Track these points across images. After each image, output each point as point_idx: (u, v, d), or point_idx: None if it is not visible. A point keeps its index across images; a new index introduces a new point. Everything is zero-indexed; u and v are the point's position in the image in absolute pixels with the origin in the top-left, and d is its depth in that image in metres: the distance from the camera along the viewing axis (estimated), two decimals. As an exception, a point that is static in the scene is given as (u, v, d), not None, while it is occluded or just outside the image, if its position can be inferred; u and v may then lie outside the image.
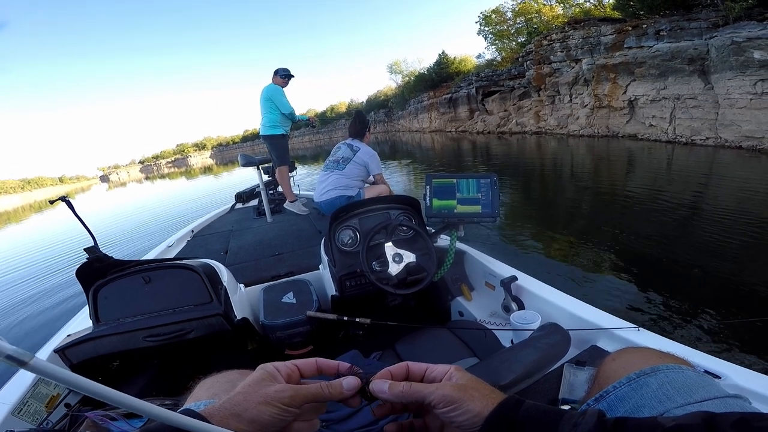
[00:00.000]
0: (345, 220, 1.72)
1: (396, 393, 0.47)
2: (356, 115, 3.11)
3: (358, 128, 3.02)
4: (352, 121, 3.10)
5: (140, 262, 1.42)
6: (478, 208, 1.54)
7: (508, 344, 1.31)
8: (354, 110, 6.43)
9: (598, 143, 12.12)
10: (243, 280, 1.91)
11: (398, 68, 38.76)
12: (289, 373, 0.49)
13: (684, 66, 9.57)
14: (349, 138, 3.04)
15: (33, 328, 3.89)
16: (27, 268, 6.54)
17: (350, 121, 3.11)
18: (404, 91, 34.47)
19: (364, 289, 1.64)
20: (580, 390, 0.85)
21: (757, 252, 3.24)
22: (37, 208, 26.60)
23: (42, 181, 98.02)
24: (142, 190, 26.17)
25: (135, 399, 0.33)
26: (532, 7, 20.84)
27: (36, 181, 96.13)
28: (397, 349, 1.40)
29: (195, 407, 0.51)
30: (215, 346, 1.54)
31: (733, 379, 0.81)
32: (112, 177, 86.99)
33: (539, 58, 15.62)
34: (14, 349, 0.29)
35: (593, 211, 5.17)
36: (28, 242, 9.85)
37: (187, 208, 10.47)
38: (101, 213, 13.41)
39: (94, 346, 1.28)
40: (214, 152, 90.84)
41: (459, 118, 23.89)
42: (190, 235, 3.25)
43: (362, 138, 3.02)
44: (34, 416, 1.13)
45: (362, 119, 3.07)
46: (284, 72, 3.77)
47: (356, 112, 3.22)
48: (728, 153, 8.24)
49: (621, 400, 0.53)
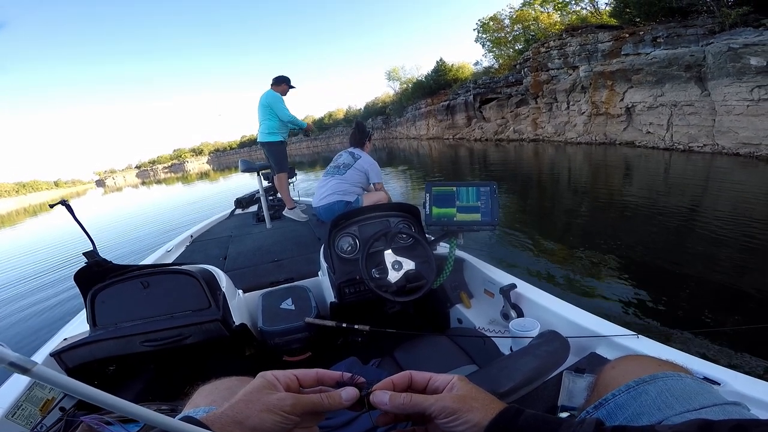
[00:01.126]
0: (344, 227, 1.72)
1: (397, 405, 0.47)
2: (357, 125, 3.19)
3: (358, 138, 3.09)
4: (353, 131, 3.17)
5: (139, 267, 1.42)
6: (478, 216, 1.54)
7: (507, 352, 1.31)
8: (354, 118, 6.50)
9: (596, 150, 12.17)
10: (242, 285, 1.90)
11: (396, 75, 38.88)
12: (288, 382, 0.49)
13: (681, 73, 9.62)
14: (350, 147, 3.10)
15: (29, 331, 3.87)
16: (22, 271, 6.52)
17: (351, 131, 3.19)
18: (402, 98, 34.50)
19: (363, 296, 1.63)
20: (579, 397, 0.85)
21: (754, 259, 3.25)
22: (31, 212, 26.44)
23: (37, 184, 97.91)
24: (137, 195, 26.10)
25: (141, 408, 0.33)
26: (530, 15, 21.01)
27: (31, 184, 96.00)
28: (395, 356, 1.40)
29: (194, 414, 0.51)
30: (213, 351, 1.53)
31: (732, 385, 0.81)
32: (108, 182, 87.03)
33: (537, 66, 15.71)
34: (17, 356, 0.29)
35: (591, 219, 5.18)
36: (23, 246, 9.81)
37: (183, 213, 10.48)
38: (96, 217, 13.33)
39: (90, 350, 1.27)
40: (211, 158, 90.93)
41: (456, 125, 23.96)
42: (189, 241, 3.25)
43: (363, 147, 3.08)
44: (28, 420, 1.12)
45: (362, 129, 3.14)
46: (285, 80, 3.79)
47: (357, 122, 3.30)
48: (725, 160, 8.28)
49: (620, 407, 0.53)
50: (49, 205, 1.49)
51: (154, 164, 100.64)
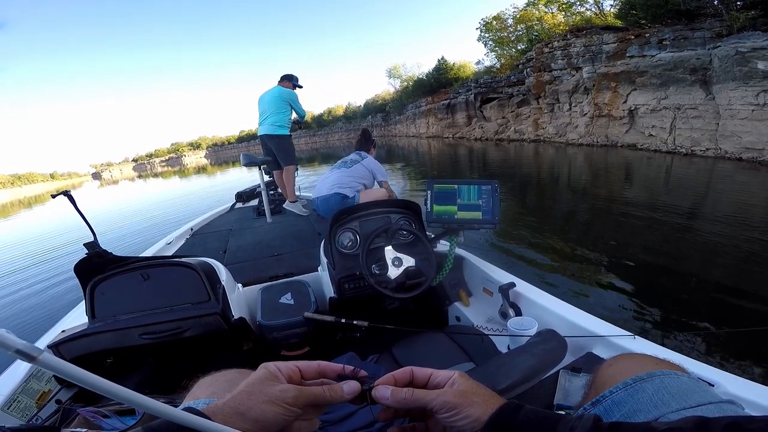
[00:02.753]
0: (345, 223, 1.72)
1: (398, 399, 0.47)
2: (363, 132, 3.45)
3: (364, 143, 3.30)
4: (359, 137, 3.41)
5: (139, 259, 1.41)
6: (479, 215, 1.54)
7: (504, 350, 1.32)
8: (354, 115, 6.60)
9: (597, 152, 12.14)
10: (241, 279, 1.91)
11: (397, 73, 38.82)
12: (290, 374, 0.49)
13: (686, 76, 9.57)
14: (355, 151, 3.28)
15: (27, 323, 3.88)
16: (20, 262, 6.51)
17: (357, 138, 3.43)
18: (402, 96, 34.43)
19: (363, 292, 1.63)
20: (575, 396, 0.85)
21: (753, 263, 3.25)
22: (26, 204, 26.10)
23: (33, 177, 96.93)
24: (133, 188, 25.91)
25: (149, 399, 0.33)
26: (534, 15, 20.94)
27: (27, 176, 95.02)
28: (393, 352, 1.40)
29: (195, 405, 0.51)
30: (211, 345, 1.53)
31: (726, 387, 0.82)
32: (105, 174, 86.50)
33: (540, 66, 15.66)
34: (24, 343, 0.29)
35: (591, 220, 5.18)
36: (20, 237, 9.81)
37: (181, 206, 10.47)
38: (93, 210, 13.24)
39: (88, 342, 1.27)
40: (208, 152, 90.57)
41: (457, 124, 23.91)
42: (189, 233, 3.25)
43: (368, 152, 3.28)
44: (24, 412, 1.13)
45: (368, 136, 3.38)
46: (295, 80, 3.89)
47: (363, 130, 3.56)
48: (728, 164, 8.25)
49: (617, 404, 0.54)
50: (51, 195, 1.49)
51: (152, 158, 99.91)
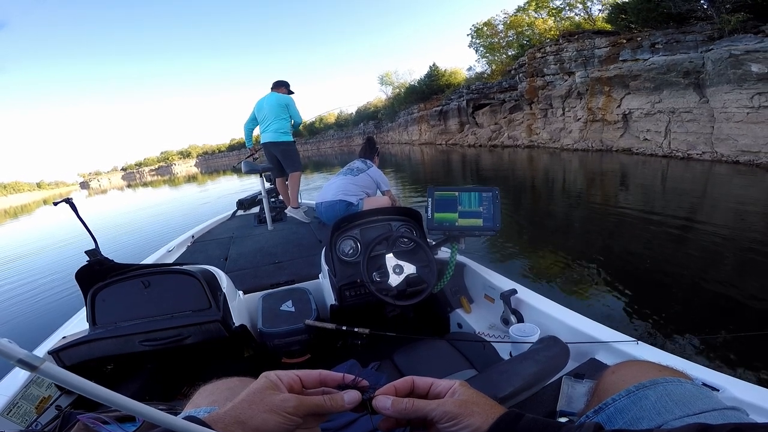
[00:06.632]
0: (346, 230, 1.72)
1: (399, 410, 0.48)
2: (368, 140, 3.51)
3: (368, 151, 3.37)
4: (363, 144, 3.49)
5: (140, 266, 1.42)
6: (480, 222, 1.54)
7: (506, 357, 1.31)
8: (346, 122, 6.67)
9: (592, 157, 12.16)
10: (242, 287, 1.90)
11: (389, 80, 39.04)
12: (291, 383, 0.49)
13: (679, 79, 9.63)
14: (359, 159, 3.32)
15: (27, 329, 3.86)
16: (19, 270, 6.49)
17: (361, 146, 3.52)
18: (394, 103, 34.56)
19: (364, 300, 1.64)
20: (578, 402, 0.85)
21: (753, 266, 3.27)
22: (12, 215, 25.24)
23: (19, 186, 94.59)
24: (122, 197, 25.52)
25: (149, 407, 0.33)
26: (524, 21, 21.13)
27: (12, 186, 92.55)
28: (395, 359, 1.40)
29: (196, 414, 0.51)
30: (211, 352, 1.53)
31: (731, 391, 0.82)
32: (93, 184, 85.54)
33: (532, 71, 15.77)
34: (26, 353, 0.29)
35: (589, 226, 5.19)
36: (20, 244, 9.74)
37: (176, 217, 10.41)
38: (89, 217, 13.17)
39: (89, 349, 1.27)
40: (199, 161, 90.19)
41: (449, 130, 24.02)
42: (190, 241, 3.25)
43: (371, 159, 3.33)
44: (24, 417, 1.12)
45: (372, 144, 3.45)
46: (286, 85, 3.88)
47: (368, 138, 3.61)
48: (724, 167, 8.29)
49: (620, 412, 0.54)
50: (53, 202, 1.50)
51: (141, 166, 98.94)
